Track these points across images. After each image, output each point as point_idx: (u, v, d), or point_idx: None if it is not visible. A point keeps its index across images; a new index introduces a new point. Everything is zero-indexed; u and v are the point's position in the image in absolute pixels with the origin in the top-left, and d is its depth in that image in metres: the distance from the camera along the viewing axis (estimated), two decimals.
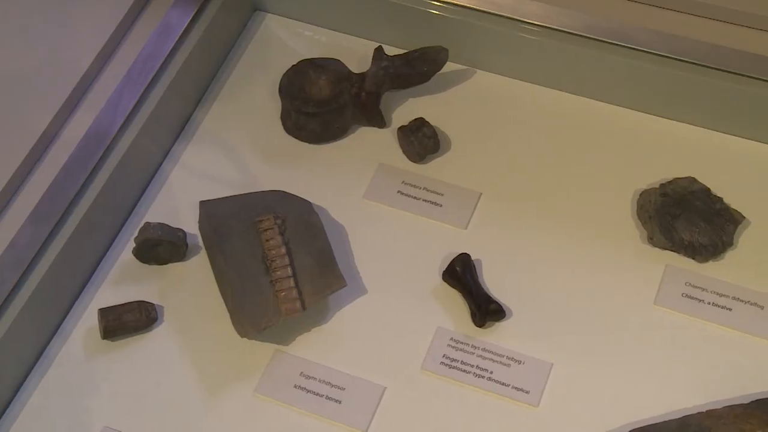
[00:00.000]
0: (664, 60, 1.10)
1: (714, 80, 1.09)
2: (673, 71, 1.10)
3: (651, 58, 1.10)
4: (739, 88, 1.08)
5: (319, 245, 1.02)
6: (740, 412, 0.91)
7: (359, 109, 1.13)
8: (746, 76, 1.08)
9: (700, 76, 1.09)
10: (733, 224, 1.04)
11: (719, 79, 1.08)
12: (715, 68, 1.09)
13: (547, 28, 1.13)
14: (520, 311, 1.01)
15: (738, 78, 1.08)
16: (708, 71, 1.09)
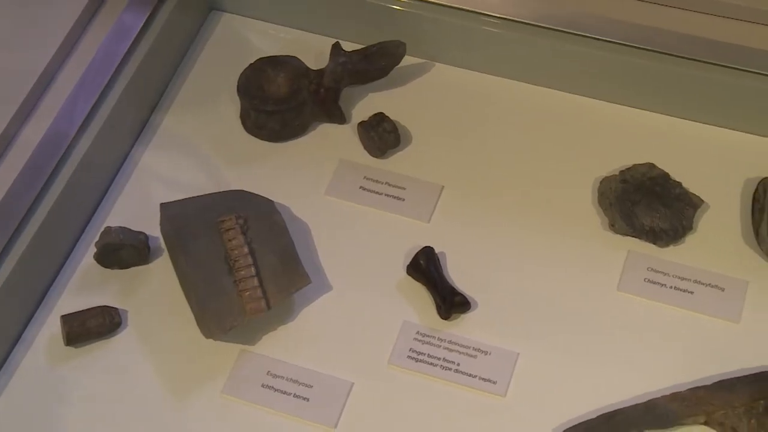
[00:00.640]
0: (621, 48, 1.11)
1: (670, 66, 1.10)
2: (630, 59, 1.10)
3: (608, 47, 1.11)
4: (695, 74, 1.09)
5: (282, 244, 1.02)
6: (704, 393, 0.92)
7: (318, 106, 1.13)
8: (701, 61, 1.09)
9: (656, 63, 1.10)
10: (693, 208, 1.05)
11: (675, 66, 1.09)
12: (671, 54, 1.09)
13: (504, 20, 1.13)
14: (485, 302, 1.01)
15: (693, 64, 1.09)
16: (664, 58, 1.10)
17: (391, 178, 1.10)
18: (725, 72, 1.08)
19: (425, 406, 0.96)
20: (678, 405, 0.92)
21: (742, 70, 1.08)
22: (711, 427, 0.92)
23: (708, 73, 1.09)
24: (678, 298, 1.00)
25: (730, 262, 1.02)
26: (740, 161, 1.09)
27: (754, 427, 0.90)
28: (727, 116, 1.10)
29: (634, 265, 1.03)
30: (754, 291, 1.00)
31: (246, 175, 1.10)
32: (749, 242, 1.03)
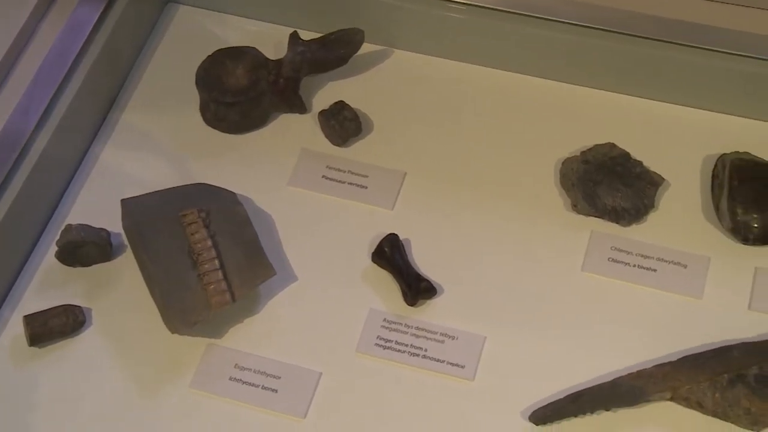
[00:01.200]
0: (580, 29, 1.11)
1: (628, 47, 1.10)
2: (589, 40, 1.11)
3: (566, 29, 1.11)
4: (653, 53, 1.10)
5: (246, 236, 1.02)
6: (668, 370, 0.93)
7: (278, 96, 1.12)
8: (659, 40, 1.10)
9: (615, 44, 1.10)
10: (654, 187, 1.05)
11: (634, 46, 1.10)
12: (630, 35, 1.10)
13: (463, 4, 1.13)
14: (450, 287, 1.02)
15: (651, 43, 1.10)
16: (622, 38, 1.10)
17: (354, 166, 1.10)
18: (683, 50, 1.09)
19: (394, 393, 0.96)
20: (643, 382, 0.93)
21: (699, 48, 1.09)
22: (677, 402, 0.93)
23: (666, 52, 1.09)
24: (641, 276, 1.01)
25: (691, 239, 1.03)
26: (699, 139, 1.09)
27: (718, 400, 0.91)
28: (685, 94, 1.11)
29: (597, 245, 1.03)
30: (715, 266, 1.01)
31: (207, 168, 1.09)
32: (710, 218, 1.04)
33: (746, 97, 1.09)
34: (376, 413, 0.95)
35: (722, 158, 1.05)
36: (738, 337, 0.96)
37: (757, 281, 0.99)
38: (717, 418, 0.91)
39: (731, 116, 1.10)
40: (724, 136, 1.09)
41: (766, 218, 1.01)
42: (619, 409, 0.93)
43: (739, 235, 1.02)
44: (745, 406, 0.90)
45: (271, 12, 1.19)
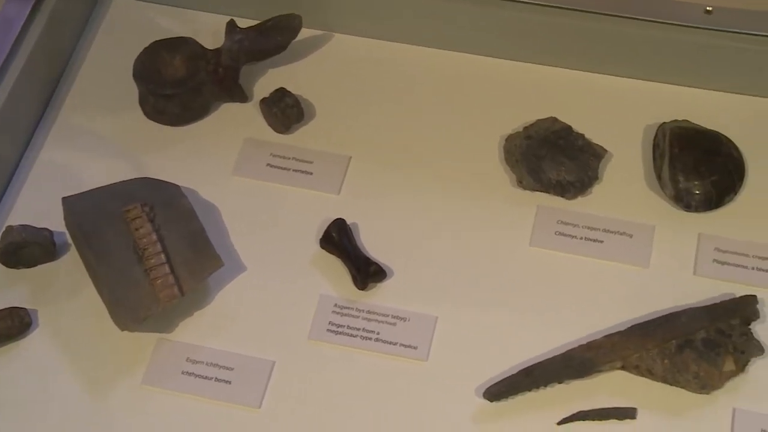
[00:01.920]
0: (516, 5, 1.11)
1: (566, 20, 1.10)
2: (526, 15, 1.11)
3: (503, 4, 1.11)
4: (589, 26, 1.10)
5: (192, 228, 1.01)
6: (618, 339, 0.94)
7: (218, 86, 1.11)
8: (595, 13, 1.10)
9: (552, 18, 1.10)
10: (597, 159, 1.06)
11: (571, 19, 1.10)
12: (566, 8, 1.10)
13: None
14: (400, 269, 1.01)
15: (588, 15, 1.10)
16: (557, 12, 1.10)
17: (298, 153, 1.09)
18: (619, 22, 1.10)
19: (349, 378, 0.96)
20: (594, 353, 0.93)
21: (634, 19, 1.09)
22: (627, 371, 0.94)
23: (602, 24, 1.10)
24: (589, 248, 1.02)
25: (636, 209, 1.04)
26: (639, 109, 1.10)
27: (667, 366, 0.92)
28: (623, 65, 1.12)
29: (544, 220, 1.04)
30: (660, 235, 1.02)
31: (150, 162, 1.08)
32: (653, 188, 1.05)
33: (683, 66, 1.10)
34: (331, 399, 0.95)
35: (662, 127, 1.06)
36: (685, 303, 0.97)
37: (701, 247, 1.01)
38: (667, 383, 0.93)
39: (670, 85, 1.11)
40: (663, 105, 1.10)
41: (707, 185, 1.02)
42: (571, 380, 0.93)
43: (681, 202, 1.03)
44: (694, 371, 0.92)
45: (206, 1, 1.18)
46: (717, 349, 0.92)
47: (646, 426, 0.92)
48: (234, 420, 0.94)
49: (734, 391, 0.92)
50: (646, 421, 0.92)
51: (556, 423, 0.92)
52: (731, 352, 0.92)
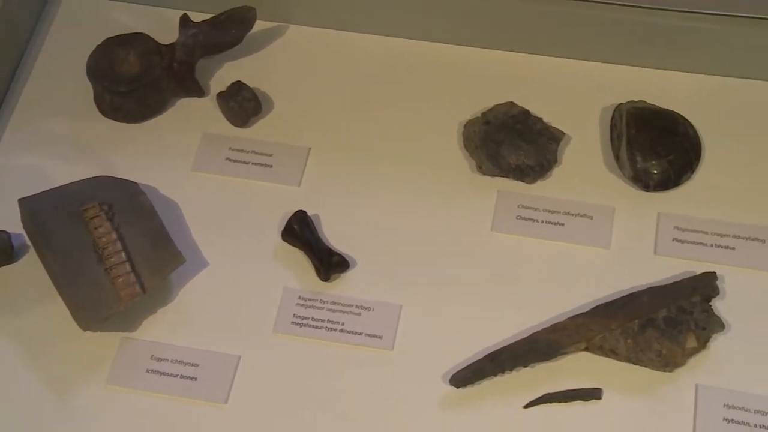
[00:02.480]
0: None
1: (519, 4, 1.10)
2: (480, 1, 1.10)
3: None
4: (544, 9, 1.10)
5: (152, 225, 1.00)
6: (581, 321, 0.94)
7: (174, 81, 1.10)
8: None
9: (506, 3, 1.10)
10: (555, 142, 1.06)
11: (524, 3, 1.10)
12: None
13: None
14: (363, 259, 1.01)
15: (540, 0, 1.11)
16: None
17: (257, 146, 1.09)
18: (571, 5, 1.10)
19: (315, 369, 0.96)
20: (558, 335, 0.94)
21: (587, 0, 1.09)
22: (592, 351, 0.94)
23: (556, 7, 1.10)
24: (550, 231, 1.02)
25: (595, 191, 1.04)
26: (595, 91, 1.10)
27: (631, 346, 0.93)
28: (578, 48, 1.12)
29: (505, 205, 1.04)
30: (620, 215, 1.03)
31: (108, 160, 1.07)
32: (612, 169, 1.06)
33: (638, 47, 1.11)
34: (298, 391, 0.95)
35: (619, 108, 1.07)
36: (646, 283, 0.97)
37: (661, 226, 1.01)
38: (631, 363, 0.93)
39: (625, 66, 1.12)
40: (619, 86, 1.10)
41: (664, 164, 1.03)
42: (537, 364, 0.94)
43: (640, 182, 1.03)
44: (657, 349, 0.93)
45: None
46: (679, 327, 0.93)
47: (612, 406, 0.92)
48: (201, 416, 0.93)
49: (697, 368, 0.93)
50: (612, 401, 0.93)
51: (523, 406, 0.93)
52: (693, 330, 0.93)
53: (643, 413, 0.92)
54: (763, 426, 0.90)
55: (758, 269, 0.98)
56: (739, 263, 0.99)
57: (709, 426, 0.90)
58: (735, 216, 1.02)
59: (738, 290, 0.97)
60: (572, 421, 0.92)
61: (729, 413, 0.91)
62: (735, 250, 0.99)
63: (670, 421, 0.91)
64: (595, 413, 0.92)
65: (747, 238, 1.00)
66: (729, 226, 1.01)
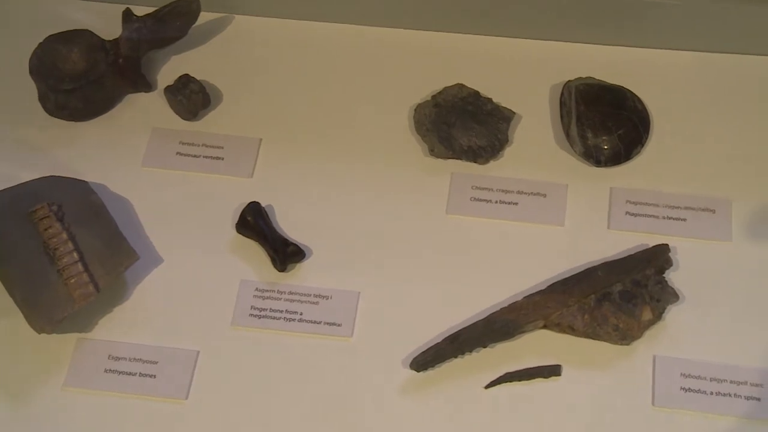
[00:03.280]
0: None
1: None
2: None
3: None
4: None
5: (103, 224, 0.99)
6: (538, 299, 0.95)
7: (120, 77, 1.09)
8: None
9: None
10: (506, 122, 1.06)
11: None
12: None
13: None
14: (319, 248, 1.01)
15: None
16: None
17: (207, 139, 1.08)
18: None
19: (275, 361, 0.95)
20: (516, 314, 0.94)
21: None
22: (550, 329, 0.95)
23: None
24: (504, 211, 1.02)
25: (548, 169, 1.05)
26: (544, 69, 1.11)
27: (588, 321, 0.93)
28: (524, 27, 1.12)
29: (459, 187, 1.04)
30: (573, 192, 1.03)
31: (56, 160, 1.06)
32: (563, 146, 1.06)
33: (583, 23, 1.11)
34: (259, 383, 0.94)
35: (567, 85, 1.07)
36: (601, 258, 0.98)
37: (613, 201, 1.02)
38: (589, 338, 0.94)
39: (572, 43, 1.12)
40: (566, 63, 1.10)
41: (614, 139, 1.04)
42: (496, 343, 0.94)
43: (591, 158, 1.04)
44: (613, 323, 0.93)
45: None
46: (634, 300, 0.94)
47: (572, 381, 0.93)
48: (161, 414, 0.93)
49: (653, 339, 0.94)
50: (571, 376, 0.93)
51: (484, 387, 0.93)
52: (648, 302, 0.94)
53: (603, 387, 0.93)
54: (719, 393, 0.91)
55: (710, 239, 0.99)
56: (690, 234, 1.00)
57: (668, 395, 0.91)
58: (686, 188, 1.02)
59: (691, 261, 0.98)
60: (534, 399, 0.92)
61: (686, 382, 0.91)
62: (686, 221, 1.00)
63: (630, 392, 0.92)
64: (555, 390, 0.93)
65: (698, 209, 1.01)
66: (680, 198, 1.02)
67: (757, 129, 1.06)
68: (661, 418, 0.91)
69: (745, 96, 1.08)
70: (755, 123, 1.06)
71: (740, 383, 0.91)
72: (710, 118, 1.07)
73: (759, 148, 1.05)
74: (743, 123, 1.06)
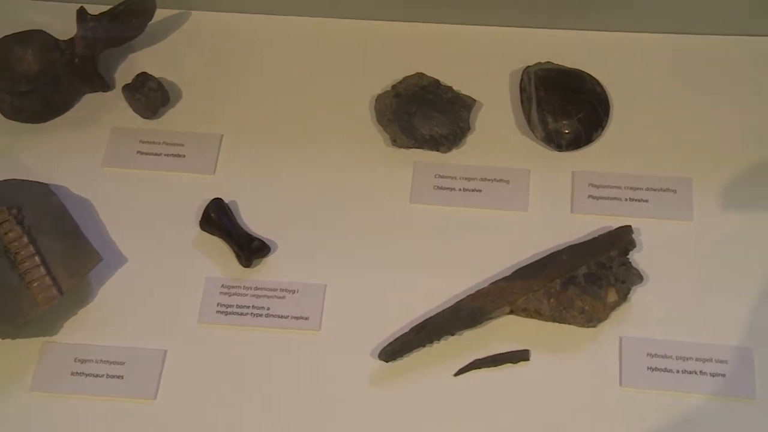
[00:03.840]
0: None
1: None
2: None
3: None
4: None
5: (65, 226, 0.98)
6: (504, 285, 0.95)
7: (77, 77, 1.08)
8: None
9: None
10: (467, 109, 1.07)
11: None
12: None
13: None
14: (284, 242, 1.01)
15: None
16: None
17: (168, 136, 1.07)
18: None
19: (243, 357, 0.95)
20: (482, 301, 0.95)
21: None
22: (517, 314, 0.95)
23: None
24: (468, 198, 1.03)
25: (510, 155, 1.05)
26: (503, 55, 1.11)
27: (554, 305, 0.94)
28: (482, 14, 1.12)
29: (422, 176, 1.04)
30: (536, 177, 1.03)
31: (14, 163, 1.05)
32: (524, 132, 1.06)
33: (541, 9, 1.11)
34: (228, 380, 0.94)
35: (527, 71, 1.07)
36: (565, 242, 0.98)
37: (576, 185, 1.02)
38: (555, 322, 0.94)
39: (530, 29, 1.12)
40: (525, 49, 1.11)
41: (575, 123, 1.04)
42: (463, 331, 0.94)
43: (552, 143, 1.04)
44: (579, 306, 0.94)
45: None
46: (599, 282, 0.94)
47: (540, 365, 0.93)
48: (131, 414, 0.92)
49: (619, 321, 0.95)
50: (540, 361, 0.94)
51: (453, 374, 0.93)
52: (613, 284, 0.95)
53: (571, 369, 0.93)
54: (685, 371, 0.92)
55: (672, 219, 1.00)
56: (653, 215, 1.00)
57: (635, 376, 0.92)
58: (647, 169, 1.03)
59: (654, 241, 0.99)
60: (503, 385, 0.93)
61: (652, 362, 0.92)
62: (648, 202, 1.01)
63: (598, 374, 0.93)
64: (524, 375, 0.93)
65: (659, 190, 1.02)
66: (641, 179, 1.02)
67: (714, 108, 1.07)
68: (629, 398, 0.91)
69: (702, 76, 1.09)
70: (712, 102, 1.07)
71: (705, 360, 0.92)
72: (668, 99, 1.08)
73: (717, 126, 1.05)
74: (701, 102, 1.07)
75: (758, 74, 1.08)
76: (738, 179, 1.02)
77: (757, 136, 1.05)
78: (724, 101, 1.07)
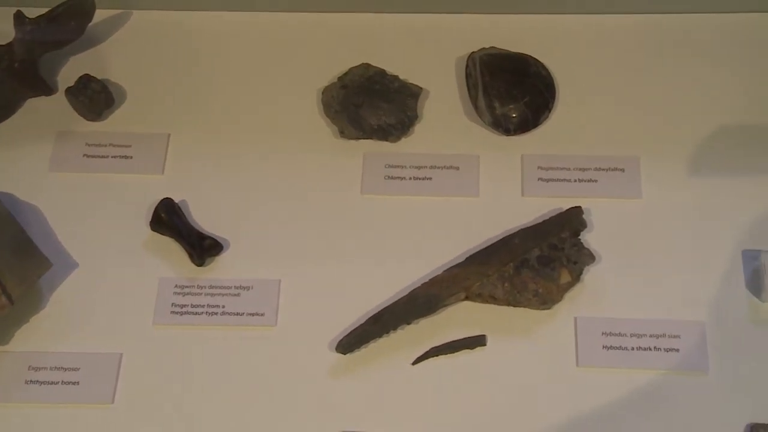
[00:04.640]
0: None
1: None
2: None
3: None
4: None
5: (11, 233, 0.96)
6: (458, 271, 0.95)
7: (18, 81, 1.06)
8: None
9: None
10: (414, 98, 1.06)
11: None
12: None
13: None
14: (236, 239, 1.00)
15: None
16: None
17: (114, 138, 1.06)
18: None
19: (200, 356, 0.94)
20: (437, 288, 0.95)
21: None
22: (472, 300, 0.95)
23: None
24: (419, 187, 1.03)
25: (459, 141, 1.05)
26: (447, 42, 1.11)
27: (508, 289, 0.94)
28: (423, 2, 1.12)
29: (372, 166, 1.04)
30: (485, 163, 1.03)
31: None
32: (472, 118, 1.06)
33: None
34: (186, 380, 0.93)
35: (471, 57, 1.08)
36: (517, 225, 0.99)
37: (525, 168, 1.03)
38: (510, 306, 0.95)
39: (472, 15, 1.12)
40: (469, 35, 1.11)
41: (521, 107, 1.04)
42: (420, 319, 0.95)
43: (500, 127, 1.05)
44: (533, 289, 0.94)
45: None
46: (552, 264, 0.95)
47: (497, 350, 0.94)
48: (88, 420, 0.91)
49: (573, 301, 0.95)
50: (497, 345, 0.94)
51: (411, 363, 0.93)
52: (565, 265, 0.95)
53: (528, 352, 0.94)
54: (639, 348, 0.93)
55: (621, 198, 1.01)
56: (602, 194, 1.01)
57: (591, 355, 0.92)
58: (594, 149, 1.04)
59: (604, 221, 0.99)
60: (461, 371, 0.93)
61: (608, 340, 0.93)
62: (597, 182, 1.01)
63: (554, 355, 0.93)
64: (482, 360, 0.93)
65: (608, 169, 1.02)
66: (589, 159, 1.03)
67: (658, 85, 1.07)
68: (586, 377, 0.92)
69: (645, 54, 1.10)
70: (656, 80, 1.08)
71: (659, 336, 0.93)
72: (613, 78, 1.08)
73: (662, 104, 1.06)
74: (645, 81, 1.08)
75: (702, 51, 1.10)
76: (685, 156, 1.03)
77: (702, 112, 1.06)
78: (669, 80, 1.08)
